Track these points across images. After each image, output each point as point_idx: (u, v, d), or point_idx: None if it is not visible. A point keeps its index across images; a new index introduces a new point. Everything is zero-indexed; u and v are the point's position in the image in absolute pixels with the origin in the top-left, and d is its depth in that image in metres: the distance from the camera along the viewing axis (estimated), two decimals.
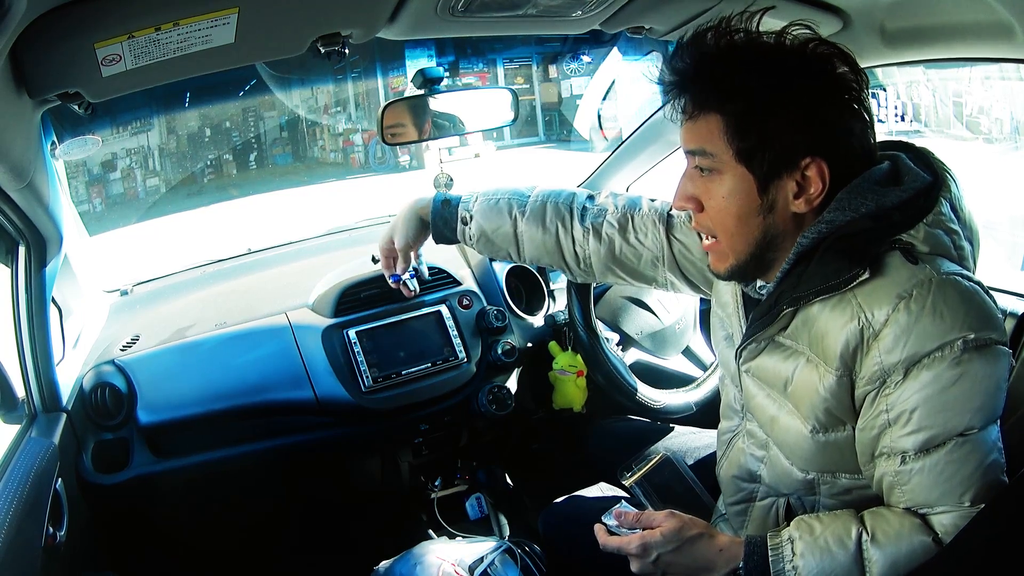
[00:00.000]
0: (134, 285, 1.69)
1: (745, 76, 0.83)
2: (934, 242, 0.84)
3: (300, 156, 13.01)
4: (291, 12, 0.94)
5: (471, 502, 1.81)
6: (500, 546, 1.32)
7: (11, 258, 1.16)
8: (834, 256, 0.84)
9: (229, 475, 1.46)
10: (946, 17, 1.06)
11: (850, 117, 0.84)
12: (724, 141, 0.84)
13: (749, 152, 0.84)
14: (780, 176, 0.84)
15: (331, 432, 1.47)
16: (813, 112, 0.82)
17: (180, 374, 1.41)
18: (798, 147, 0.83)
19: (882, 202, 0.84)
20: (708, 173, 0.87)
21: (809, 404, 0.88)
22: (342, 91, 12.60)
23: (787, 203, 0.86)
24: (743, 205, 0.86)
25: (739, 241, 0.89)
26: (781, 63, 0.83)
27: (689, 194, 0.90)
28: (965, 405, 0.79)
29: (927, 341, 0.79)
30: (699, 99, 0.85)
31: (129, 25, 0.83)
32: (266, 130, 12.60)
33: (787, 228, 0.88)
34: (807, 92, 0.82)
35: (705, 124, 0.85)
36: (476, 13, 1.07)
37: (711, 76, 0.84)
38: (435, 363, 1.52)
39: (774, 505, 1.00)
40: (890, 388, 0.82)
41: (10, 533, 0.90)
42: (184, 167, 12.01)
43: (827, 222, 0.85)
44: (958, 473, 0.80)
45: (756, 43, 0.84)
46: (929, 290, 0.79)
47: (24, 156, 0.97)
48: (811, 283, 0.86)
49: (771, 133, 0.82)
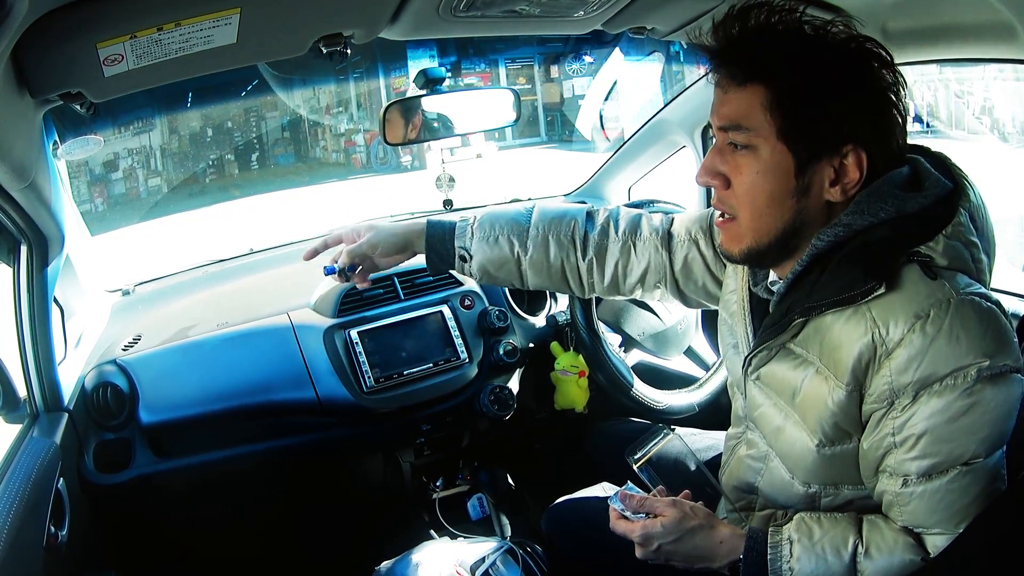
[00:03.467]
0: (136, 285, 1.69)
1: (796, 50, 0.80)
2: (953, 255, 0.80)
3: (302, 156, 13.03)
4: (293, 12, 0.94)
5: (473, 502, 1.81)
6: (502, 546, 1.32)
7: (13, 258, 1.16)
8: (850, 266, 0.81)
9: (230, 475, 1.46)
10: (948, 18, 1.06)
11: (891, 115, 0.82)
12: (766, 116, 0.80)
13: (793, 130, 0.80)
14: (820, 159, 0.81)
15: (333, 432, 1.47)
16: (861, 101, 0.80)
17: (182, 374, 1.41)
18: (843, 132, 0.80)
19: (903, 208, 0.81)
20: (742, 149, 0.83)
21: (816, 416, 0.87)
22: (344, 91, 12.62)
23: (822, 189, 0.82)
24: (777, 185, 0.82)
25: (766, 223, 0.85)
26: (830, 46, 0.80)
27: (717, 170, 0.86)
28: (973, 435, 0.78)
29: (941, 365, 0.77)
30: (746, 68, 0.81)
31: (131, 25, 0.83)
32: (268, 130, 12.62)
33: (817, 216, 0.84)
34: (858, 79, 0.79)
35: (749, 96, 0.81)
36: (478, 13, 1.07)
37: (759, 45, 0.80)
38: (437, 363, 1.52)
39: (773, 516, 0.98)
40: (898, 411, 0.80)
41: (12, 533, 0.90)
42: (186, 167, 12.03)
43: (844, 225, 0.82)
44: (958, 501, 0.79)
45: (802, 26, 0.81)
46: (947, 311, 0.77)
47: (26, 156, 0.97)
48: (824, 293, 0.83)
49: (819, 113, 0.79)
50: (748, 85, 0.81)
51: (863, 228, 0.81)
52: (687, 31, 0.84)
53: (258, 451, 1.43)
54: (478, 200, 1.93)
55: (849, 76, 0.79)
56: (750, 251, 0.88)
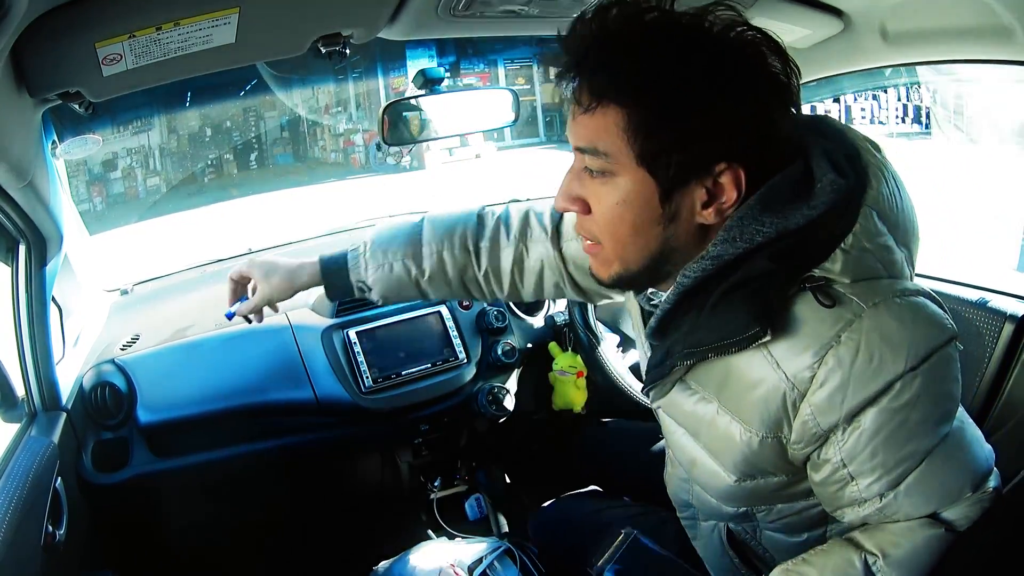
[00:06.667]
0: (134, 284, 1.69)
1: (656, 63, 0.67)
2: (857, 269, 0.70)
3: (301, 156, 13.03)
4: (292, 12, 0.94)
5: (471, 502, 1.81)
6: (499, 547, 1.32)
7: (11, 257, 1.16)
8: (728, 307, 0.72)
9: (228, 475, 1.46)
10: (947, 19, 1.06)
11: (777, 115, 0.70)
12: (624, 140, 0.69)
13: (654, 155, 0.69)
14: (688, 183, 0.70)
15: (331, 432, 1.47)
16: (736, 111, 0.68)
17: (180, 374, 1.40)
18: (714, 151, 0.69)
19: (785, 225, 0.70)
20: (599, 175, 0.73)
21: (730, 456, 0.78)
22: (343, 91, 12.62)
23: (693, 213, 0.72)
24: (640, 214, 0.72)
25: (631, 252, 0.75)
26: (700, 50, 0.67)
27: (575, 195, 0.76)
28: (928, 425, 0.70)
29: (869, 387, 0.68)
30: (597, 88, 0.69)
31: (130, 25, 0.83)
32: (267, 130, 12.61)
33: (691, 239, 0.74)
34: (730, 87, 0.67)
35: (602, 118, 0.70)
36: (477, 13, 1.07)
37: (614, 61, 0.68)
38: (435, 363, 1.52)
39: (716, 527, 0.96)
40: (836, 445, 0.71)
41: (9, 532, 0.90)
42: (185, 166, 12.02)
43: (712, 258, 0.72)
44: (947, 477, 0.72)
45: (672, 24, 0.68)
46: (859, 331, 0.68)
47: (25, 155, 0.96)
48: (706, 336, 0.73)
49: (683, 134, 0.68)
50: (600, 107, 0.70)
51: (736, 258, 0.71)
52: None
53: (256, 451, 1.42)
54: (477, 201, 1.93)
55: (723, 82, 0.67)
56: (619, 277, 0.78)
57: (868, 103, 6.18)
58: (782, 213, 0.70)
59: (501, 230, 1.09)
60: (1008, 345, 1.16)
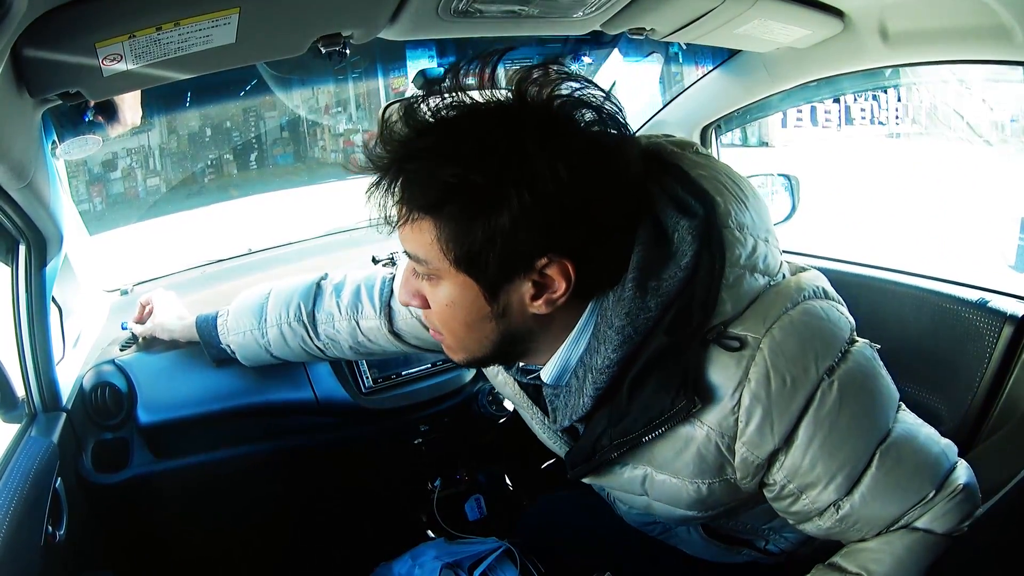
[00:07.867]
0: (134, 285, 1.69)
1: (450, 169, 0.65)
2: (738, 297, 0.71)
3: (301, 156, 12.95)
4: (292, 12, 0.94)
5: (471, 503, 1.81)
6: (499, 547, 1.32)
7: (11, 257, 1.16)
8: (647, 391, 0.72)
9: (229, 475, 1.46)
10: (946, 19, 1.06)
11: (600, 192, 0.67)
12: (439, 248, 0.69)
13: (469, 259, 0.69)
14: (512, 279, 0.70)
15: (331, 433, 1.47)
16: (549, 203, 0.65)
17: (180, 374, 1.40)
18: (531, 247, 0.67)
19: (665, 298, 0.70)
20: (427, 279, 0.74)
21: (683, 501, 0.80)
22: (343, 91, 12.54)
23: (524, 305, 0.72)
24: (469, 312, 0.73)
25: (471, 344, 0.77)
26: (507, 137, 0.66)
27: (414, 290, 0.77)
28: (859, 423, 0.72)
29: (791, 407, 0.70)
30: (405, 203, 0.70)
31: (130, 25, 0.83)
32: (267, 130, 12.54)
33: (531, 326, 0.75)
34: (540, 178, 0.64)
35: (418, 231, 0.70)
36: (477, 14, 1.07)
37: (414, 175, 0.68)
38: (435, 364, 1.52)
39: (690, 528, 0.97)
40: (777, 466, 0.74)
41: (9, 532, 0.90)
42: (185, 167, 11.95)
43: (617, 363, 0.71)
44: (901, 476, 0.73)
45: (476, 114, 0.68)
46: (762, 361, 0.69)
47: (25, 155, 0.96)
48: (633, 424, 0.74)
49: (491, 236, 0.66)
50: (411, 221, 0.70)
51: (631, 355, 0.71)
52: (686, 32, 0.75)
53: (256, 451, 1.43)
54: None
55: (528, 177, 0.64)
56: (470, 362, 0.81)
57: (868, 103, 6.18)
58: (658, 286, 0.70)
59: (335, 304, 1.14)
60: (1008, 345, 1.16)
